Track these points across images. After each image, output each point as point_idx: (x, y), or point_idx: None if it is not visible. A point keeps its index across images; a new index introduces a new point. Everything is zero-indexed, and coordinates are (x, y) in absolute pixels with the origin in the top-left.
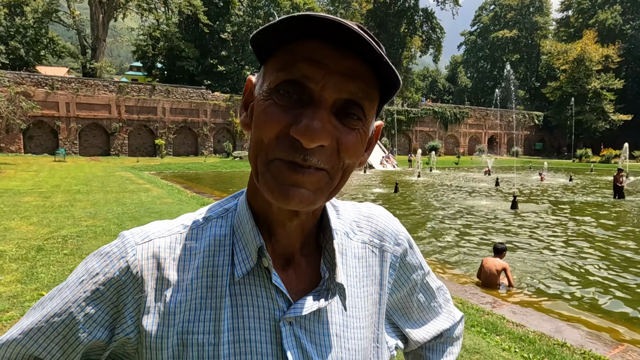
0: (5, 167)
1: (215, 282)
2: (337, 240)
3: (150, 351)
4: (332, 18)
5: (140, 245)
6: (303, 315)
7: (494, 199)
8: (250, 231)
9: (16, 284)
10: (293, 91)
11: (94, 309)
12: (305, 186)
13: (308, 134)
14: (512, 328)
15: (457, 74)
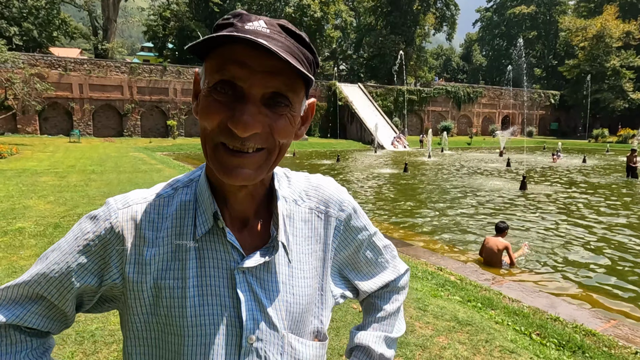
0: (23, 148)
1: (181, 239)
2: (286, 206)
3: (132, 293)
4: (246, 37)
5: (122, 210)
6: (253, 266)
7: (504, 180)
8: (207, 199)
9: (35, 258)
10: (227, 88)
11: (86, 260)
12: (247, 166)
13: (241, 126)
14: (507, 303)
15: (472, 52)
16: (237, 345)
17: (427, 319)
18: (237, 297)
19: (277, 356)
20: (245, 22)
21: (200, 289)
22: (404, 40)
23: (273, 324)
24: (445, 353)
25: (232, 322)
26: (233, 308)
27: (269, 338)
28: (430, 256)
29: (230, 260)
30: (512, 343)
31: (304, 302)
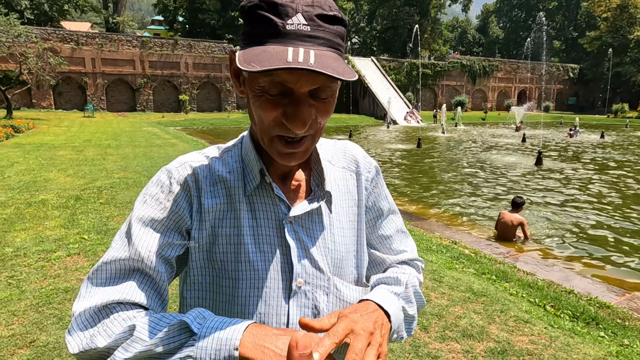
0: (39, 123)
1: (233, 193)
2: (323, 163)
3: (192, 240)
4: (298, 68)
5: (181, 167)
6: (299, 215)
7: (519, 155)
8: (254, 158)
9: (60, 229)
10: (279, 87)
11: (166, 219)
12: (299, 151)
13: (298, 125)
14: (522, 276)
15: (489, 24)
16: (287, 288)
17: (443, 289)
18: (287, 244)
19: (324, 297)
20: (284, 19)
21: (254, 238)
22: (418, 11)
23: (320, 268)
24: (460, 322)
25: (282, 267)
26: (283, 254)
27: (315, 281)
28: (445, 230)
29: (278, 212)
30: (527, 314)
31: (343, 250)
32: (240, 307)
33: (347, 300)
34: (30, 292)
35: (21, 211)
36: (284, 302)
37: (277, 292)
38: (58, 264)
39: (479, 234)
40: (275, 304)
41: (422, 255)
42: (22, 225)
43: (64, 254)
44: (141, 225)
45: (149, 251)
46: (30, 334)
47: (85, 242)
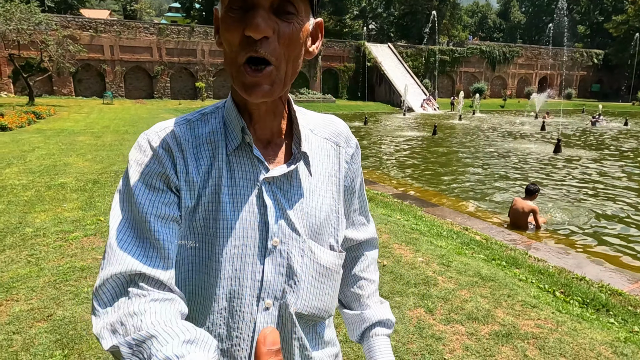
0: (59, 109)
1: (215, 153)
2: (305, 131)
3: (181, 194)
4: None
5: (162, 132)
6: (277, 177)
7: (537, 143)
8: (235, 117)
9: (78, 211)
10: (241, 4)
11: (158, 184)
12: (263, 83)
13: (253, 29)
14: (533, 263)
15: (510, 9)
16: (263, 247)
17: (450, 274)
18: (264, 204)
19: (298, 257)
20: None
21: (231, 197)
22: None
23: (295, 229)
24: (466, 305)
25: (259, 226)
26: (260, 214)
27: (291, 241)
28: (457, 216)
29: (256, 172)
30: (535, 299)
31: (321, 216)
32: (217, 263)
33: (321, 263)
34: (48, 269)
35: (41, 194)
36: (259, 260)
37: (253, 251)
38: (75, 243)
39: (491, 221)
40: (251, 261)
41: (431, 241)
42: (42, 207)
43: (81, 235)
44: (138, 191)
45: (148, 212)
46: (48, 309)
47: (101, 223)
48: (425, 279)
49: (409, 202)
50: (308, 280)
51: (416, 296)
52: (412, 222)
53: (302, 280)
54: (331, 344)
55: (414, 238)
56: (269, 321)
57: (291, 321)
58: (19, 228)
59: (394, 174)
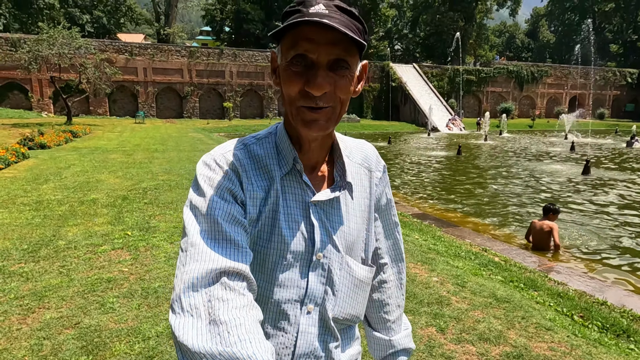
0: (95, 128)
1: (271, 175)
2: (344, 158)
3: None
4: (311, 20)
5: (227, 153)
6: (323, 201)
7: (566, 164)
8: (287, 147)
9: (107, 225)
10: (301, 60)
11: (229, 182)
12: (320, 119)
13: (315, 87)
14: (552, 285)
15: (539, 28)
16: (309, 259)
17: (465, 294)
18: (311, 223)
19: (337, 270)
20: (308, 7)
21: (285, 216)
22: (463, 17)
23: (336, 246)
24: (479, 326)
25: (306, 242)
26: (307, 232)
27: (332, 256)
28: (476, 237)
29: (305, 195)
30: (550, 321)
31: (355, 234)
32: (269, 270)
33: (354, 275)
34: (78, 280)
35: (74, 208)
36: (305, 271)
37: (301, 262)
38: (103, 256)
39: (512, 243)
40: (298, 271)
41: (447, 261)
42: (75, 221)
43: (109, 248)
44: (210, 201)
45: (223, 219)
46: (76, 317)
47: (128, 237)
48: (439, 298)
49: (429, 222)
50: (344, 290)
51: (428, 315)
52: (430, 242)
53: (339, 290)
54: (357, 342)
55: (430, 258)
56: (310, 323)
57: (329, 324)
58: (52, 241)
59: (415, 194)
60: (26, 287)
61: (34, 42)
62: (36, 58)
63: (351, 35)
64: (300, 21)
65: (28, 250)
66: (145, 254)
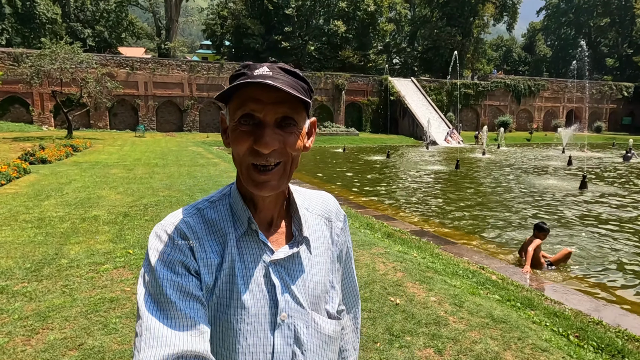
0: (95, 142)
1: (226, 238)
2: (301, 211)
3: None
4: (256, 81)
5: (179, 222)
6: (282, 259)
7: (562, 179)
8: (241, 207)
9: (109, 243)
10: (249, 119)
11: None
12: (272, 180)
13: (263, 146)
14: (548, 304)
15: (535, 43)
16: (273, 322)
17: (462, 314)
18: (272, 283)
19: (304, 329)
20: (253, 70)
21: (243, 278)
22: (460, 32)
23: (300, 303)
24: (476, 347)
25: (269, 303)
26: (269, 292)
27: (297, 314)
28: (474, 255)
29: (263, 255)
30: (546, 342)
31: (319, 288)
32: (231, 338)
33: (323, 332)
34: (80, 300)
35: (76, 226)
36: (270, 333)
37: (264, 326)
38: (105, 275)
39: (509, 260)
40: (263, 335)
41: (445, 280)
42: (77, 239)
43: (111, 267)
44: (162, 278)
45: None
46: (79, 338)
47: (130, 256)
48: (437, 318)
49: (427, 239)
50: (313, 348)
51: (426, 336)
52: (428, 260)
53: (308, 349)
54: None
55: (429, 277)
56: None
57: None
58: (55, 259)
59: (413, 210)
60: (30, 307)
61: (36, 57)
62: (38, 72)
63: (295, 94)
64: (245, 82)
65: (31, 269)
66: None
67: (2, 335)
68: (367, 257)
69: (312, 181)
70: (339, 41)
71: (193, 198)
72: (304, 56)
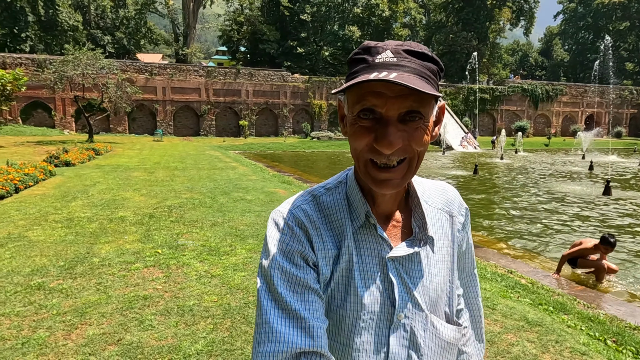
0: (115, 146)
1: (343, 231)
2: (423, 206)
3: (319, 267)
4: (379, 80)
5: (295, 210)
6: (401, 256)
7: (584, 184)
8: (360, 200)
9: (137, 243)
10: (369, 114)
11: (299, 244)
12: (395, 178)
13: (385, 146)
14: (582, 309)
15: (552, 47)
16: (389, 320)
17: (496, 317)
18: (390, 280)
19: (421, 332)
20: (374, 56)
21: (361, 273)
22: (476, 36)
23: (419, 305)
24: (513, 349)
25: (385, 301)
26: (386, 290)
27: (415, 316)
28: (500, 259)
29: (381, 250)
30: (584, 346)
31: (438, 289)
32: (346, 333)
33: (441, 337)
34: (115, 297)
35: (104, 226)
36: (385, 333)
37: (380, 323)
38: (137, 274)
39: (535, 265)
40: (378, 333)
41: None
42: (106, 239)
43: (142, 266)
44: (279, 270)
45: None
46: (117, 334)
47: (159, 255)
48: None
49: None
50: (430, 354)
51: None
52: None
53: (425, 354)
54: None
55: None
56: None
57: None
58: (87, 258)
59: None
60: (67, 304)
61: (59, 63)
62: (62, 78)
63: (422, 92)
64: (364, 81)
65: (64, 267)
66: (176, 272)
67: (43, 329)
68: None
69: None
70: (353, 46)
71: (215, 200)
72: (318, 61)
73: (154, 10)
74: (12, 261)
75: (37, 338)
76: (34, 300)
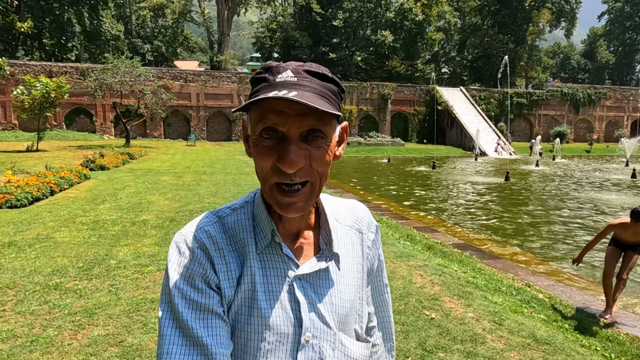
0: (150, 150)
1: (246, 251)
2: (330, 223)
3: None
4: (278, 97)
5: (197, 232)
6: (307, 274)
7: (625, 194)
8: (265, 218)
9: (154, 246)
10: (271, 133)
11: (200, 267)
12: (298, 201)
13: (287, 164)
14: (600, 328)
15: (596, 49)
16: (296, 342)
17: (501, 333)
18: (296, 300)
19: (330, 351)
20: (275, 75)
21: (265, 294)
22: (513, 39)
23: (326, 322)
24: None
25: (292, 321)
26: (292, 310)
27: (323, 335)
28: (520, 271)
29: (287, 269)
30: None
31: (347, 306)
32: (251, 357)
33: (351, 355)
34: (125, 299)
35: (126, 229)
36: (292, 355)
37: (287, 346)
38: (149, 277)
39: (559, 278)
40: (285, 356)
41: (485, 296)
42: (126, 242)
43: (155, 269)
44: (181, 296)
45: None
46: (120, 335)
47: None
48: (474, 336)
49: (470, 253)
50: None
51: (461, 353)
52: (469, 275)
53: None
54: None
55: (468, 292)
56: None
57: None
58: (105, 260)
59: (457, 222)
60: (79, 304)
61: (100, 71)
62: (101, 85)
63: (322, 110)
64: (263, 98)
65: (83, 268)
66: None
67: (53, 328)
68: (404, 269)
69: (354, 190)
70: (386, 51)
71: None
72: (350, 67)
73: (190, 19)
74: (36, 261)
75: (45, 337)
76: (50, 300)
